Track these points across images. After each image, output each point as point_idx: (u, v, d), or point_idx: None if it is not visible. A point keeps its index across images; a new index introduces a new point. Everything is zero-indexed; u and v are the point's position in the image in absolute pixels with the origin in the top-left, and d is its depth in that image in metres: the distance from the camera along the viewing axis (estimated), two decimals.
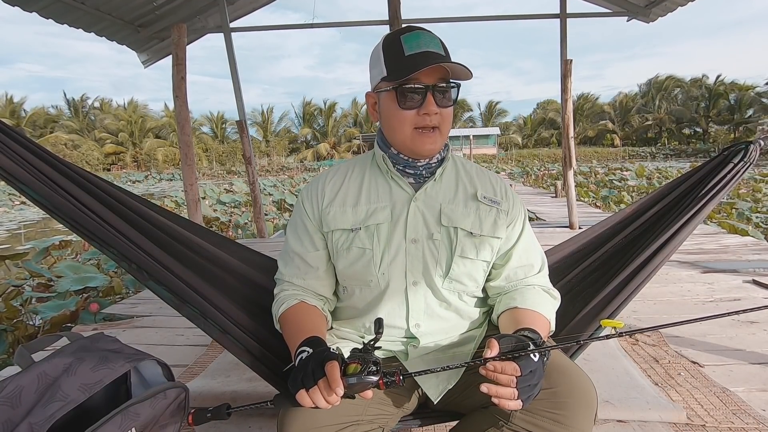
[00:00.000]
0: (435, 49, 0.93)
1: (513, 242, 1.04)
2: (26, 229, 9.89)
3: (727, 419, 1.52)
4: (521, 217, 1.06)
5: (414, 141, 0.97)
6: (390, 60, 0.95)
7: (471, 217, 1.01)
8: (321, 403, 0.75)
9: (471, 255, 0.99)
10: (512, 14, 6.78)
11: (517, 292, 1.01)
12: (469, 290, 1.02)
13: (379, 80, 0.97)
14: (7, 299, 3.37)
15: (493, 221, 1.02)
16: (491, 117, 49.99)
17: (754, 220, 6.41)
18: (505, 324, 0.97)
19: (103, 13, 4.22)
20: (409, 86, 0.93)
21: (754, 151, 1.23)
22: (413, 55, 0.92)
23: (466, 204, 1.02)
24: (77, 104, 42.83)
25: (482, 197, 1.03)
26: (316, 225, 1.04)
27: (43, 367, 0.82)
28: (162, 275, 1.06)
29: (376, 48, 0.99)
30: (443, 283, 0.99)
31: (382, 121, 1.02)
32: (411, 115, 0.95)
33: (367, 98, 1.05)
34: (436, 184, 1.03)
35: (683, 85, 41.13)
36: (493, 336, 0.80)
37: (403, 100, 0.94)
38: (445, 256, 0.99)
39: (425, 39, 0.94)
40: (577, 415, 0.83)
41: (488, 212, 1.02)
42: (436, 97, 0.94)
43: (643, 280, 1.22)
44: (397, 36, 0.95)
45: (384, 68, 0.96)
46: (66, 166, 1.07)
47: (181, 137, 3.61)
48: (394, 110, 0.96)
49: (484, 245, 1.00)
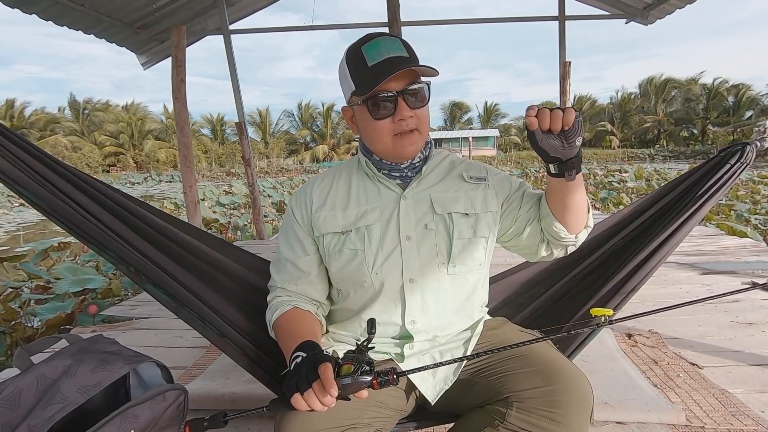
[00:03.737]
0: (397, 53, 0.94)
1: (520, 189, 1.08)
2: (25, 230, 9.88)
3: (726, 421, 1.52)
4: (507, 178, 1.09)
5: (395, 146, 0.99)
6: (355, 73, 0.96)
7: (462, 199, 1.03)
8: (316, 405, 0.75)
9: (468, 235, 1.01)
10: (511, 16, 6.78)
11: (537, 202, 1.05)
12: (472, 269, 1.03)
13: (351, 95, 0.98)
14: (5, 301, 3.37)
15: (483, 197, 1.05)
16: (490, 118, 50.04)
17: (753, 222, 6.41)
18: (550, 197, 0.98)
19: (102, 15, 4.23)
20: (379, 96, 0.94)
21: (750, 152, 1.24)
22: (376, 64, 0.93)
23: (455, 187, 1.05)
24: (77, 105, 42.85)
25: (468, 177, 1.06)
26: (307, 231, 1.05)
27: (42, 369, 0.82)
28: (160, 278, 1.06)
29: (341, 63, 1.00)
30: (447, 270, 1.00)
31: (361, 133, 1.04)
32: (387, 124, 0.96)
33: (344, 112, 1.07)
34: (423, 180, 1.05)
35: (680, 86, 41.21)
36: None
37: (376, 111, 0.95)
38: (444, 243, 1.00)
39: (386, 45, 0.94)
40: (573, 414, 0.83)
41: (476, 189, 1.05)
42: (408, 100, 0.95)
43: (641, 280, 1.22)
44: (358, 48, 0.96)
45: (351, 83, 0.97)
46: (64, 168, 1.07)
47: (180, 139, 3.62)
48: (369, 122, 0.97)
49: (480, 223, 1.03)
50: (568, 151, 0.85)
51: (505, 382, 0.90)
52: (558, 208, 0.97)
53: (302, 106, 47.02)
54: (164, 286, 1.06)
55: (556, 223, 0.99)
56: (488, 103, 52.49)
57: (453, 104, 50.12)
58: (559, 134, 0.83)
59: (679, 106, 41.05)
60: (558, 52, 5.00)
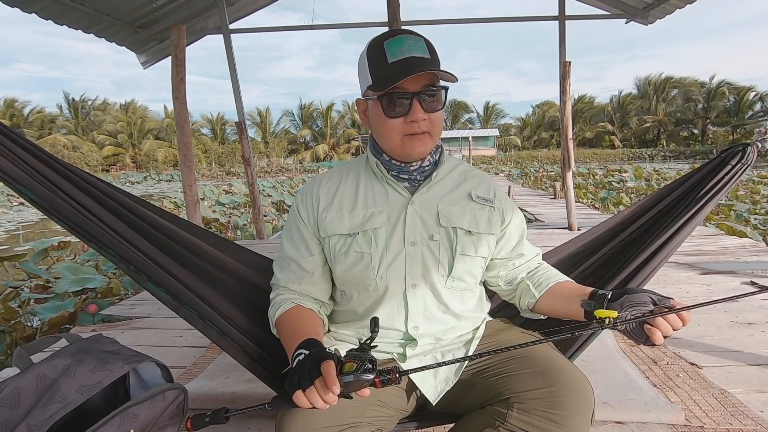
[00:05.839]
0: (419, 54, 0.92)
1: (519, 236, 1.09)
2: (25, 229, 9.87)
3: (725, 420, 1.52)
4: (513, 209, 1.10)
5: (404, 146, 0.97)
6: (374, 68, 0.94)
7: (467, 216, 1.03)
8: (318, 403, 0.74)
9: (471, 252, 1.01)
10: (512, 16, 6.78)
11: (540, 275, 1.08)
12: (469, 287, 1.04)
13: (366, 88, 0.97)
14: (5, 300, 3.37)
15: (487, 219, 1.04)
16: (490, 118, 50.04)
17: (753, 222, 6.41)
18: (561, 296, 1.02)
19: (102, 14, 4.22)
20: (394, 94, 0.92)
21: (751, 153, 1.23)
22: (396, 62, 0.91)
23: (462, 204, 1.04)
24: (77, 104, 42.80)
25: (476, 197, 1.05)
26: (312, 230, 1.04)
27: (41, 369, 0.82)
28: (160, 277, 1.05)
29: (362, 54, 0.98)
30: (446, 283, 1.00)
31: (372, 128, 1.03)
32: (398, 123, 0.95)
33: (357, 105, 1.06)
34: (432, 187, 1.04)
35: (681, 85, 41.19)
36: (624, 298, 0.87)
37: (390, 109, 0.94)
38: (446, 256, 1.00)
39: (409, 44, 0.92)
40: (574, 415, 0.83)
41: (482, 210, 1.04)
42: (423, 103, 0.93)
43: (642, 281, 1.22)
44: (380, 42, 0.94)
45: (369, 76, 0.95)
46: (64, 167, 1.07)
47: (180, 138, 3.61)
48: (382, 118, 0.96)
49: (482, 242, 1.02)
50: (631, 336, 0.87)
51: (505, 383, 0.90)
52: (553, 306, 1.03)
53: (302, 106, 47.05)
54: (165, 284, 1.05)
55: (533, 301, 1.06)
56: (488, 102, 52.41)
57: (455, 104, 50.08)
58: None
59: (680, 106, 41.04)
60: (558, 52, 4.99)
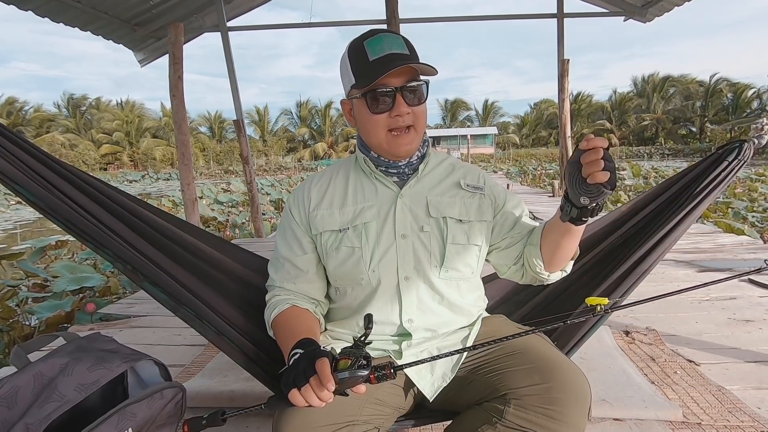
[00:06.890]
0: (398, 50, 0.95)
1: (517, 214, 1.09)
2: (22, 228, 9.85)
3: (722, 417, 1.52)
4: (505, 193, 1.10)
5: (390, 144, 1.00)
6: (356, 67, 0.97)
7: (457, 205, 1.04)
8: (314, 401, 0.75)
9: (462, 241, 1.02)
10: (510, 14, 6.78)
11: (533, 235, 1.05)
12: (464, 276, 1.04)
13: (350, 88, 1.00)
14: (3, 299, 3.36)
15: (478, 206, 1.06)
16: (488, 116, 50.01)
17: (750, 220, 6.43)
18: (549, 229, 0.99)
19: (99, 12, 4.21)
20: (378, 90, 0.95)
21: (748, 150, 1.24)
22: (377, 59, 0.94)
23: (451, 193, 1.05)
24: (75, 103, 42.65)
25: (465, 185, 1.07)
26: (304, 229, 1.06)
27: (39, 368, 0.82)
28: (158, 277, 1.05)
29: (343, 56, 1.01)
30: (440, 273, 1.01)
31: (359, 127, 1.05)
32: (383, 119, 0.98)
33: (342, 105, 1.08)
34: (421, 179, 1.06)
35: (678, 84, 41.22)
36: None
37: (374, 105, 0.97)
38: (438, 246, 1.01)
39: (388, 41, 0.96)
40: (571, 411, 0.83)
41: (472, 198, 1.06)
42: (406, 97, 0.96)
43: (639, 276, 1.22)
44: (360, 42, 0.97)
45: (352, 76, 0.98)
46: (61, 166, 1.06)
47: (178, 136, 3.61)
48: (367, 115, 0.99)
49: (474, 230, 1.04)
50: (598, 199, 0.84)
51: (502, 380, 0.90)
52: (550, 244, 0.99)
53: (301, 104, 46.97)
54: (162, 284, 1.05)
55: (538, 257, 1.02)
56: (487, 100, 52.43)
57: (454, 102, 50.04)
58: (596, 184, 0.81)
59: (678, 104, 41.08)
60: (556, 50, 5.00)
